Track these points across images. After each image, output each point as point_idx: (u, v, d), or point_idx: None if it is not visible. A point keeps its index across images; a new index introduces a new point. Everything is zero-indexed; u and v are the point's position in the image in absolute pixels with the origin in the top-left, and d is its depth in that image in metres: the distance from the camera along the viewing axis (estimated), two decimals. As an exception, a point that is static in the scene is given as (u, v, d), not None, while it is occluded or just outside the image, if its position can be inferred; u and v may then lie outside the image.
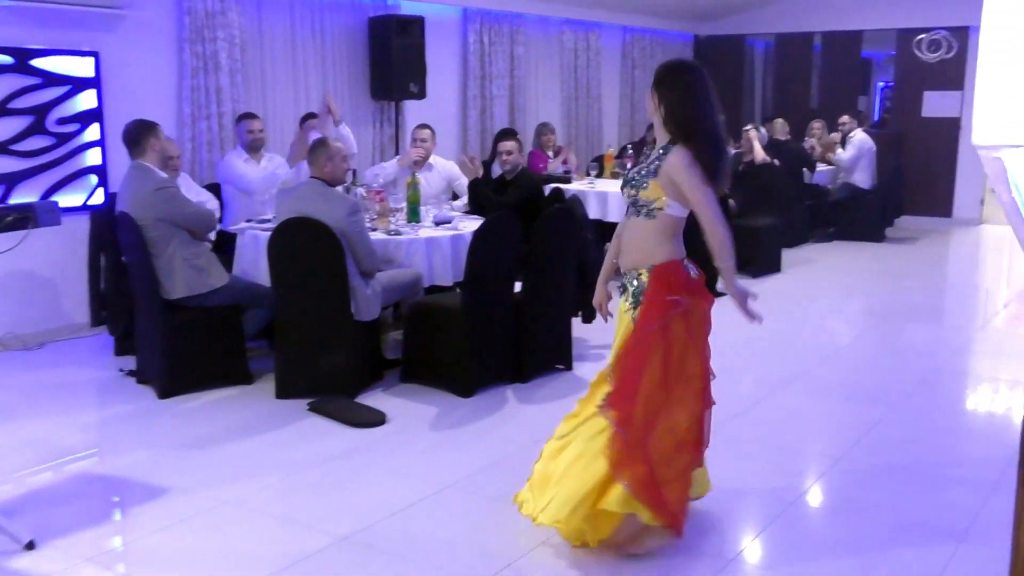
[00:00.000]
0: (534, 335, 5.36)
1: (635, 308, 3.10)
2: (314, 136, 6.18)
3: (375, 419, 4.69)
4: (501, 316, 5.21)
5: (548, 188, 8.24)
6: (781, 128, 10.53)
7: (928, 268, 9.44)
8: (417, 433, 4.61)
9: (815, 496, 3.91)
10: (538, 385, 5.34)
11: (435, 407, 4.96)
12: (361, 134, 8.09)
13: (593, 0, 10.38)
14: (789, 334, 6.46)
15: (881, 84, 17.03)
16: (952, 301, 8.28)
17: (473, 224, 5.63)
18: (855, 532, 3.51)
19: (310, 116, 7.01)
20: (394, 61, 7.95)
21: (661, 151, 3.08)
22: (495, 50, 9.53)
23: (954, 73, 11.63)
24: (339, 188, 5.42)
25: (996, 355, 6.23)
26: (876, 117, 17.00)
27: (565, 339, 5.61)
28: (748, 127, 9.38)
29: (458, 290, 5.46)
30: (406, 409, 4.92)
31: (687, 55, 12.99)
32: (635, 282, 3.12)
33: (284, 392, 5.05)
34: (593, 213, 8.00)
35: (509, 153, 6.28)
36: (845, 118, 10.95)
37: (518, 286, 5.33)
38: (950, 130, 11.71)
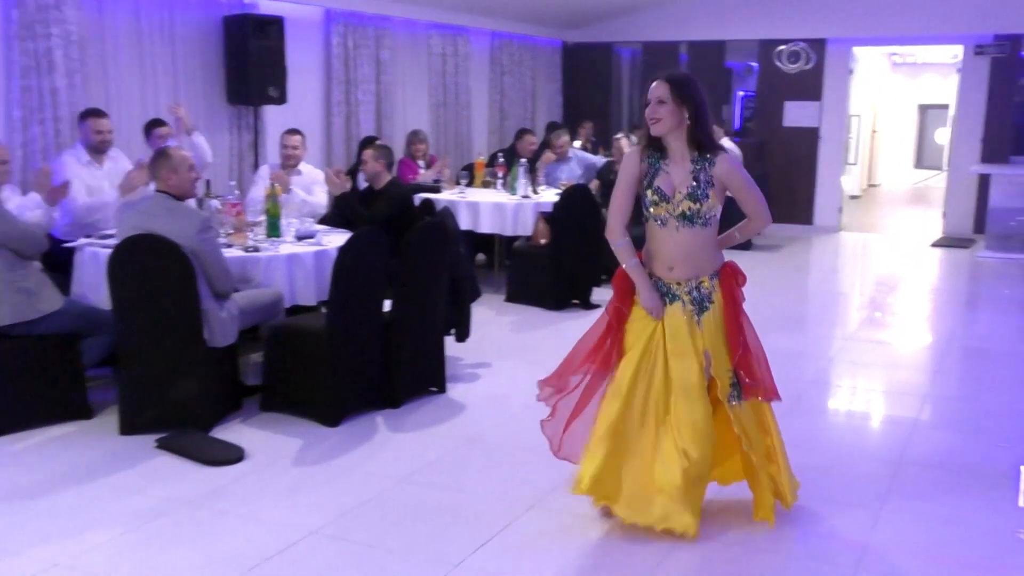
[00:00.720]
0: (405, 357, 5.05)
1: (700, 313, 3.38)
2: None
3: (231, 456, 4.27)
4: (369, 337, 4.87)
5: (418, 199, 7.96)
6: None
7: (793, 275, 9.60)
8: (279, 470, 4.22)
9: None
10: (410, 410, 5.02)
11: (299, 439, 4.58)
12: (217, 141, 7.58)
13: (461, 4, 10.12)
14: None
15: (741, 94, 17.35)
16: (816, 309, 8.39)
17: (339, 239, 5.28)
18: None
19: (157, 123, 6.47)
20: (251, 63, 7.47)
21: (704, 161, 3.32)
22: (360, 54, 9.15)
23: (813, 84, 11.94)
24: (190, 202, 4.98)
25: (856, 364, 6.28)
26: (737, 126, 17.35)
27: (438, 360, 5.31)
28: (619, 135, 9.31)
29: (323, 310, 5.09)
30: (267, 442, 4.51)
31: (556, 62, 12.90)
32: (695, 292, 3.38)
33: (129, 428, 4.55)
34: (464, 224, 7.73)
35: (365, 162, 5.96)
36: (713, 127, 11.02)
37: (387, 305, 5.00)
38: (810, 139, 12.01)
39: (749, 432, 3.43)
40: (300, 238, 5.45)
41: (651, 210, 3.36)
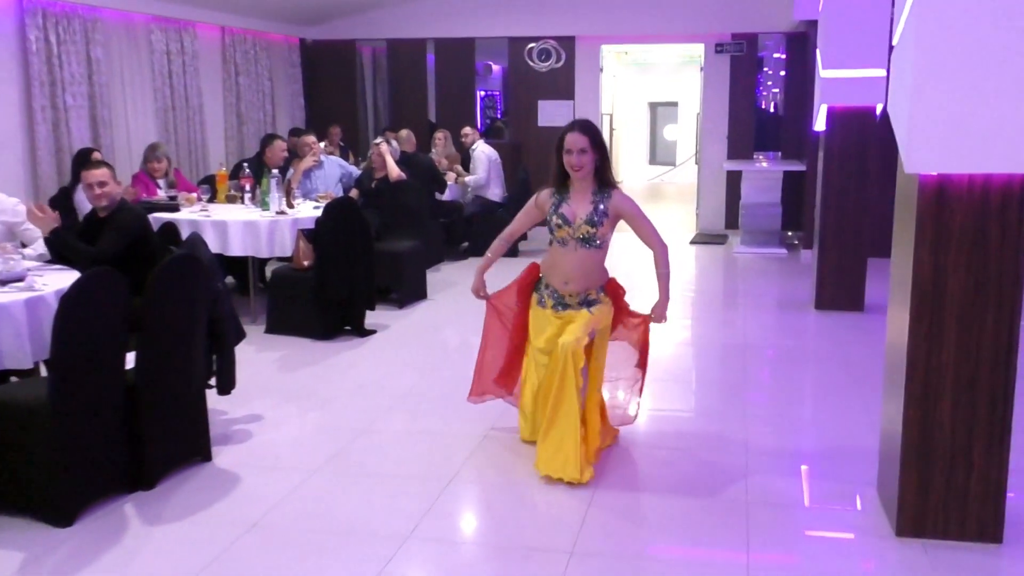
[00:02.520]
0: (157, 423, 4.03)
1: (588, 307, 4.11)
2: None
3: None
4: (107, 404, 3.82)
5: (155, 220, 6.79)
6: (407, 140, 9.83)
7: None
8: (-8, 605, 3.12)
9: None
10: (169, 490, 4.01)
11: (19, 551, 3.46)
12: None
13: (184, -5, 8.93)
14: (457, 372, 5.69)
15: (481, 93, 17.06)
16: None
17: (60, 280, 4.15)
18: None
19: None
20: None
21: (602, 195, 4.04)
22: (67, 50, 7.75)
23: (564, 82, 11.74)
24: None
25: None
26: (480, 127, 17.09)
27: (199, 421, 4.32)
28: (378, 140, 8.52)
29: (44, 374, 3.96)
30: (-29, 563, 3.37)
31: (295, 61, 11.88)
32: (584, 303, 4.10)
33: None
34: (211, 247, 6.64)
35: (103, 184, 4.74)
36: (467, 129, 10.52)
37: (131, 359, 3.96)
38: (565, 139, 11.80)
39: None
40: (3, 283, 4.25)
41: (555, 233, 4.05)
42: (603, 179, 4.03)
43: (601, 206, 3.99)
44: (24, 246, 5.05)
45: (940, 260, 3.23)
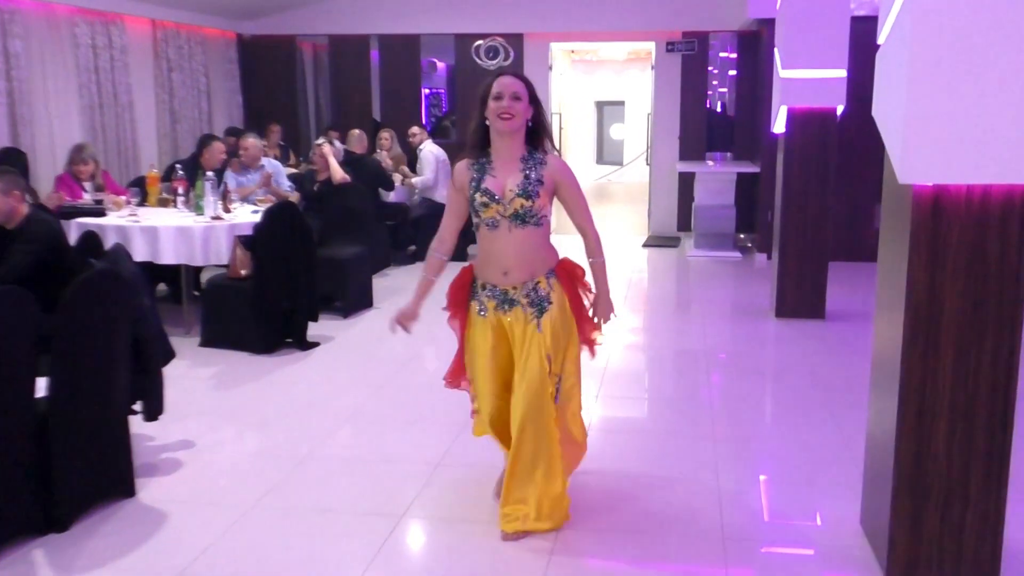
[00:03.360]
0: (72, 456, 3.61)
1: (540, 315, 3.33)
2: None
3: None
4: (13, 436, 3.40)
5: (81, 225, 6.35)
6: (359, 141, 9.43)
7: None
8: None
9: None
10: (85, 533, 3.59)
11: (-93, 612, 3.04)
12: None
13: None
14: (407, 388, 5.33)
15: (426, 91, 16.65)
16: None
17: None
18: None
19: None
20: None
21: (533, 160, 3.29)
22: (-18, 42, 7.21)
23: (513, 81, 11.40)
24: None
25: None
26: (427, 125, 16.75)
27: (120, 452, 3.90)
28: (321, 140, 8.10)
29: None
30: None
31: (232, 56, 11.38)
32: (532, 294, 3.34)
33: None
34: (141, 253, 6.21)
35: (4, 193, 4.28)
36: (415, 129, 10.15)
37: (41, 386, 3.54)
38: (514, 139, 11.48)
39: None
40: None
41: (481, 214, 3.29)
42: (535, 142, 3.29)
43: (533, 174, 3.23)
44: None
45: (936, 277, 2.97)
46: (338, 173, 7.72)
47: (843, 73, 6.67)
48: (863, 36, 6.34)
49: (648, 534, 3.59)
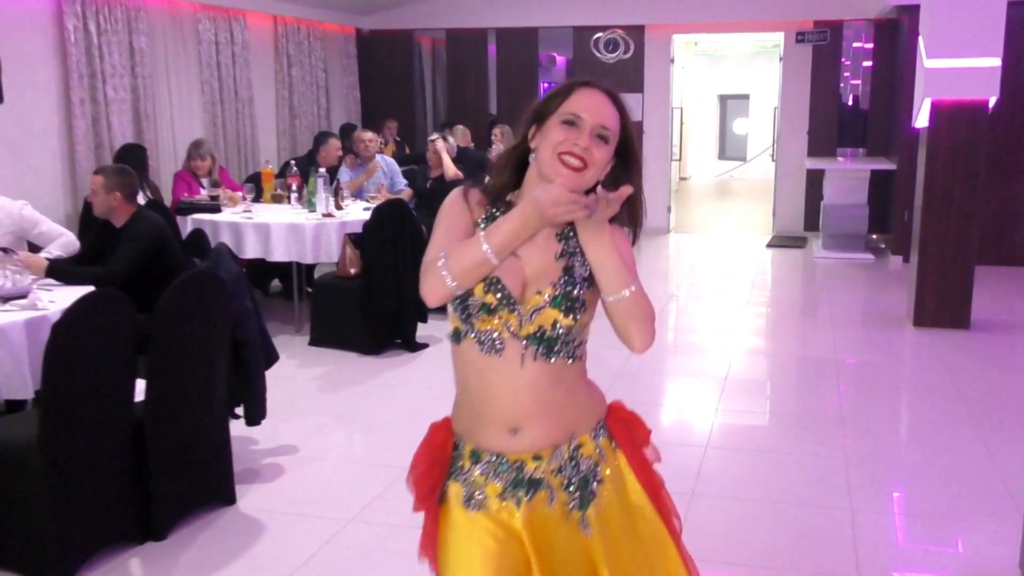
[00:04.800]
0: (169, 463, 3.52)
1: (584, 505, 1.76)
2: None
3: None
4: (112, 442, 3.32)
5: (196, 222, 6.36)
6: (463, 136, 9.27)
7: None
8: None
9: None
10: (182, 543, 3.49)
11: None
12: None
13: (233, -18, 8.48)
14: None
15: (545, 85, 16.41)
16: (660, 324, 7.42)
17: (69, 298, 3.66)
18: None
19: None
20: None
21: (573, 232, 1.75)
22: (108, 40, 7.33)
23: (633, 74, 11.05)
24: None
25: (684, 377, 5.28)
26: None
27: (220, 459, 3.80)
28: (435, 136, 7.96)
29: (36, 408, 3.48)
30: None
31: (350, 52, 11.40)
32: (570, 468, 1.76)
33: None
34: (252, 250, 6.19)
35: (94, 194, 4.25)
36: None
37: (140, 389, 3.46)
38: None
39: None
40: (6, 299, 3.78)
41: (473, 321, 1.70)
42: (634, 218, 1.82)
43: (579, 264, 1.75)
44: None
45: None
46: (451, 169, 7.56)
47: (997, 62, 6.10)
48: (1020, 22, 5.80)
49: (773, 569, 3.26)
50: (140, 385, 3.44)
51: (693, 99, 18.68)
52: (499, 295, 1.67)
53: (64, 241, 4.61)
